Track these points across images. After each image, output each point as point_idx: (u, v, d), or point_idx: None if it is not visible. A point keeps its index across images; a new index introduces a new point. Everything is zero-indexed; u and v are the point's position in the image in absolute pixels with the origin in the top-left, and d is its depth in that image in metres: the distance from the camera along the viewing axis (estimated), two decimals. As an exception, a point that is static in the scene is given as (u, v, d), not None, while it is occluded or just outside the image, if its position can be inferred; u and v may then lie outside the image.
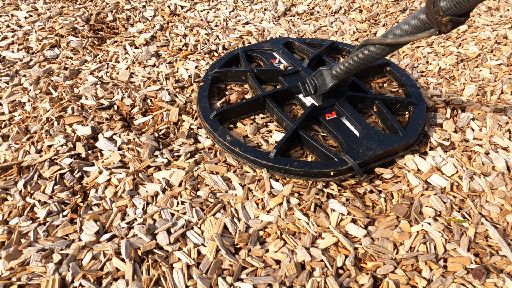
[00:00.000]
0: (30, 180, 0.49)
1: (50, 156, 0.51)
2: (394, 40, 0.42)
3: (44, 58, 0.71)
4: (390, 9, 0.88)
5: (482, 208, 0.46)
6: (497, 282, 0.38)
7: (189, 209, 0.45)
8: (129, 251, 0.41)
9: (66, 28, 0.78)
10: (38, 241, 0.43)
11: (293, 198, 0.46)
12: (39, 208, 0.46)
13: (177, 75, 0.68)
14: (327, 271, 0.39)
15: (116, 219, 0.44)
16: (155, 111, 0.59)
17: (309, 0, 0.93)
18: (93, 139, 0.55)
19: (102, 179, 0.49)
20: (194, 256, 0.41)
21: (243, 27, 0.82)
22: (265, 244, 0.42)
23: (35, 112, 0.60)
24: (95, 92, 0.63)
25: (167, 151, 0.52)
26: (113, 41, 0.77)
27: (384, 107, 0.57)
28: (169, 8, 0.88)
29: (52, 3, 0.88)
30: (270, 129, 0.56)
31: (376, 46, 0.45)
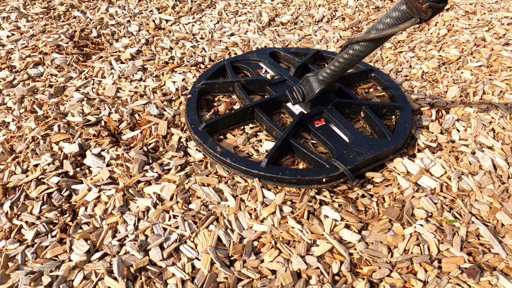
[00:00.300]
0: (16, 201, 0.47)
1: (36, 176, 0.50)
2: (377, 34, 0.43)
3: (28, 77, 0.70)
4: (371, 16, 0.90)
5: (472, 207, 0.46)
6: (491, 280, 0.38)
7: (182, 222, 0.45)
8: (122, 269, 0.40)
9: (50, 46, 0.77)
10: (27, 264, 0.41)
11: (285, 207, 0.46)
12: (26, 229, 0.45)
13: (164, 88, 0.67)
14: (324, 279, 0.39)
15: (107, 237, 0.44)
16: (143, 125, 0.59)
17: (293, 10, 0.94)
18: (80, 156, 0.54)
19: (91, 197, 0.48)
20: (189, 270, 0.40)
21: (228, 38, 0.83)
22: (260, 254, 0.42)
23: (20, 131, 0.59)
24: (81, 109, 0.62)
25: (157, 165, 0.52)
26: (98, 57, 0.76)
27: (371, 112, 0.57)
28: (154, 22, 0.88)
29: (35, 21, 0.88)
30: (260, 139, 0.57)
31: (360, 44, 0.45)
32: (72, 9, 0.93)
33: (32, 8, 0.93)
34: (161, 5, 0.96)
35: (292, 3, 0.99)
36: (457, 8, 0.93)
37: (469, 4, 0.94)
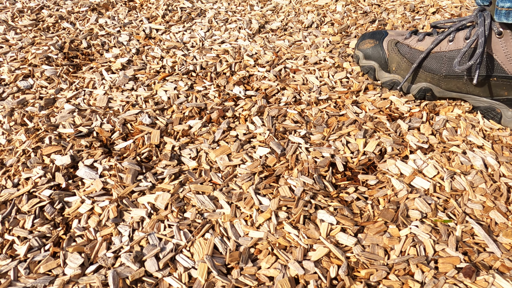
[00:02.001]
0: (7, 216, 0.47)
1: (28, 189, 0.50)
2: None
3: (18, 89, 0.70)
4: (360, 21, 0.92)
5: (466, 206, 0.47)
6: (487, 278, 0.39)
7: (177, 232, 0.44)
8: (117, 281, 0.39)
9: (39, 58, 0.77)
10: (19, 280, 0.41)
11: (281, 212, 0.46)
12: (18, 244, 0.44)
13: (156, 97, 0.67)
14: (321, 283, 0.39)
15: (102, 249, 0.43)
16: (135, 135, 0.59)
17: (282, 17, 0.95)
18: (73, 168, 0.53)
19: (84, 209, 0.47)
20: (185, 280, 0.40)
21: (219, 46, 0.83)
22: (257, 261, 0.42)
23: (10, 144, 0.58)
24: (72, 120, 0.62)
25: (150, 175, 0.52)
26: (89, 68, 0.76)
27: None
28: (144, 32, 0.89)
29: (23, 33, 0.87)
30: (254, 145, 0.57)
31: None
32: (61, 20, 0.93)
33: (20, 21, 0.92)
34: (151, 14, 0.96)
35: (281, 10, 1.00)
36: (443, 11, 0.95)
37: (455, 7, 0.96)
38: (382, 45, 0.68)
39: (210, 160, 0.54)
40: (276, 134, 0.57)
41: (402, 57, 0.64)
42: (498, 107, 0.59)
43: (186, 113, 0.63)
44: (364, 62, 0.70)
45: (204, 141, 0.57)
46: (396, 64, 0.65)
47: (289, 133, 0.58)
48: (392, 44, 0.67)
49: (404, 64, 0.64)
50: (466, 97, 0.62)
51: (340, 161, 0.53)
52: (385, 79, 0.68)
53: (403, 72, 0.65)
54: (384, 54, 0.67)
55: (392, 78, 0.66)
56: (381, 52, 0.68)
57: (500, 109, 0.59)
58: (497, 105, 0.59)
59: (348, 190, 0.49)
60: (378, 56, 0.68)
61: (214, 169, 0.53)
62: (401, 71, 0.65)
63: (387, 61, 0.66)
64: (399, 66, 0.65)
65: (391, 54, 0.66)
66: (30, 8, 0.97)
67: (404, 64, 0.64)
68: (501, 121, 0.59)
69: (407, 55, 0.64)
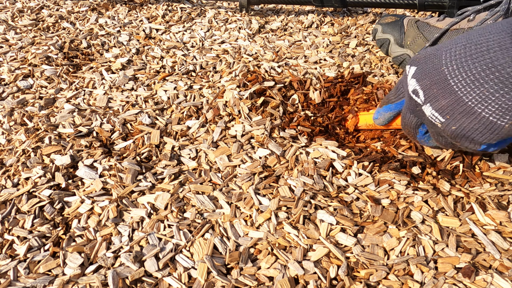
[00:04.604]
0: (7, 216, 0.47)
1: (28, 189, 0.50)
2: None
3: (18, 89, 0.70)
4: (360, 21, 0.92)
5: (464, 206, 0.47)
6: (486, 278, 0.39)
7: (177, 232, 0.44)
8: (117, 281, 0.39)
9: (39, 58, 0.77)
10: (19, 280, 0.41)
11: (281, 212, 0.46)
12: (18, 244, 0.44)
13: (156, 97, 0.67)
14: (321, 283, 0.39)
15: (101, 249, 0.43)
16: (135, 135, 0.59)
17: (282, 17, 0.95)
18: (72, 168, 0.53)
19: (84, 209, 0.47)
20: (185, 280, 0.40)
21: (219, 46, 0.83)
22: (256, 261, 0.42)
23: (10, 144, 0.58)
24: (72, 120, 0.62)
25: (150, 175, 0.52)
26: (89, 68, 0.76)
27: None
28: (144, 32, 0.89)
29: (23, 33, 0.87)
30: (253, 145, 0.57)
31: None
32: (61, 20, 0.93)
33: (20, 20, 0.92)
34: (151, 14, 0.96)
35: (281, 10, 1.00)
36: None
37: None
38: (403, 21, 0.70)
39: (210, 160, 0.54)
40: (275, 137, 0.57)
41: (419, 33, 0.65)
42: None
43: (184, 112, 0.63)
44: (380, 35, 0.72)
45: (203, 141, 0.57)
46: (411, 39, 0.66)
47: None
48: (412, 21, 0.69)
49: (420, 39, 0.65)
50: None
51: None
52: (396, 53, 0.69)
53: (416, 48, 0.66)
54: (403, 29, 0.69)
55: (404, 53, 0.67)
56: (400, 26, 0.69)
57: None
58: None
59: (348, 190, 0.49)
60: (396, 30, 0.70)
61: (214, 169, 0.53)
62: (415, 46, 0.66)
63: (404, 36, 0.68)
64: (414, 41, 0.66)
65: (409, 29, 0.68)
66: (30, 8, 0.97)
67: (419, 40, 0.65)
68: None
69: (424, 31, 0.65)
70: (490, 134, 0.35)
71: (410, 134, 0.46)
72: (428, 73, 0.36)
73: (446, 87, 0.35)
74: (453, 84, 0.34)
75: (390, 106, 0.47)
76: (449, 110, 0.35)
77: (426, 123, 0.40)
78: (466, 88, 0.33)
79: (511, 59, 0.30)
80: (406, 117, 0.43)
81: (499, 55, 0.31)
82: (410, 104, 0.41)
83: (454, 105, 0.35)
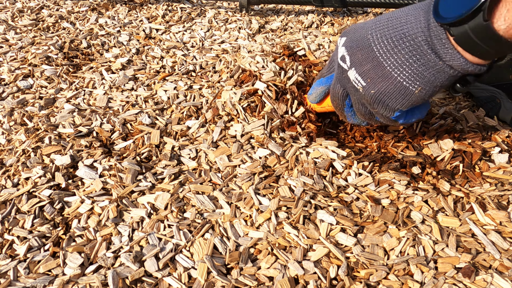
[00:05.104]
0: (7, 216, 0.47)
1: (28, 189, 0.50)
2: None
3: (18, 89, 0.70)
4: (360, 21, 0.91)
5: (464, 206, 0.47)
6: (486, 278, 0.39)
7: (177, 232, 0.44)
8: (117, 281, 0.39)
9: (39, 58, 0.77)
10: (19, 280, 0.41)
11: (281, 212, 0.46)
12: (18, 244, 0.44)
13: (156, 97, 0.67)
14: (321, 284, 0.39)
15: (101, 249, 0.43)
16: (135, 135, 0.59)
17: (282, 17, 0.95)
18: (72, 168, 0.53)
19: (84, 209, 0.47)
20: (185, 280, 0.40)
21: (219, 46, 0.83)
22: (256, 261, 0.42)
23: (10, 144, 0.58)
24: (72, 120, 0.62)
25: (150, 175, 0.52)
26: (89, 68, 0.76)
27: None
28: (144, 32, 0.89)
29: (23, 33, 0.87)
30: (253, 145, 0.57)
31: None
32: (61, 20, 0.93)
33: (20, 20, 0.92)
34: (151, 14, 0.96)
35: (281, 10, 1.00)
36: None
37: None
38: None
39: (210, 160, 0.54)
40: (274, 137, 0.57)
41: None
42: (499, 96, 0.59)
43: (184, 112, 0.63)
44: None
45: (203, 141, 0.57)
46: None
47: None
48: None
49: None
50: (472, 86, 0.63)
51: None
52: None
53: None
54: None
55: None
56: None
57: (500, 99, 0.59)
58: (498, 94, 0.60)
59: (348, 190, 0.49)
60: None
61: (214, 169, 0.53)
62: None
63: None
64: None
65: None
66: (30, 8, 0.97)
67: None
68: (499, 112, 0.59)
69: None
70: (403, 99, 0.38)
71: (338, 107, 0.48)
72: (355, 41, 0.39)
73: (370, 53, 0.38)
74: (375, 50, 0.38)
75: (322, 80, 0.49)
76: (370, 74, 0.38)
77: (350, 90, 0.43)
78: (387, 54, 0.37)
79: (421, 30, 0.35)
80: (335, 88, 0.45)
81: (414, 26, 0.35)
82: (338, 72, 0.43)
83: (375, 69, 0.38)
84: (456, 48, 0.34)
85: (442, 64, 0.35)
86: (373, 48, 0.38)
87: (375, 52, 0.38)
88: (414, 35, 0.35)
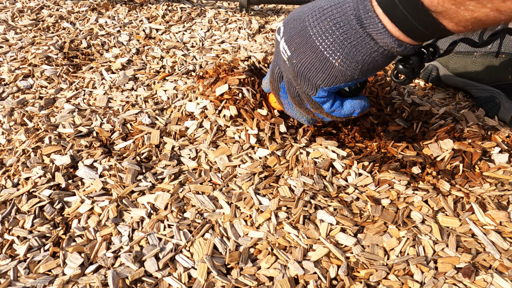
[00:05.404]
0: (7, 216, 0.47)
1: (28, 189, 0.50)
2: None
3: (18, 89, 0.70)
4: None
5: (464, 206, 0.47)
6: (486, 278, 0.39)
7: (177, 232, 0.44)
8: (117, 281, 0.39)
9: (39, 58, 0.77)
10: (19, 280, 0.41)
11: (281, 212, 0.46)
12: (18, 244, 0.44)
13: (156, 97, 0.67)
14: (321, 283, 0.39)
15: (101, 249, 0.43)
16: (135, 135, 0.59)
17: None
18: (72, 168, 0.53)
19: (84, 209, 0.47)
20: (185, 280, 0.40)
21: (219, 46, 0.83)
22: (256, 261, 0.42)
23: (10, 144, 0.58)
24: (72, 120, 0.62)
25: (150, 175, 0.52)
26: (89, 68, 0.76)
27: None
28: (144, 32, 0.89)
29: (23, 33, 0.87)
30: (253, 145, 0.57)
31: None
32: (61, 20, 0.93)
33: (20, 20, 0.92)
34: (151, 14, 0.96)
35: (281, 10, 1.00)
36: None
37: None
38: None
39: (210, 160, 0.54)
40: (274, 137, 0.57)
41: None
42: (498, 96, 0.59)
43: (183, 112, 0.63)
44: None
45: (202, 141, 0.57)
46: None
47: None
48: None
49: None
50: (469, 84, 0.62)
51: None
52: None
53: None
54: None
55: None
56: None
57: (500, 99, 0.59)
58: (497, 94, 0.60)
59: (348, 190, 0.49)
60: None
61: (214, 169, 0.53)
62: None
63: None
64: None
65: None
66: (30, 8, 0.97)
67: None
68: (498, 112, 0.59)
69: None
70: (323, 73, 0.36)
71: (275, 91, 0.46)
72: (291, 16, 0.40)
73: (299, 22, 0.38)
74: (305, 18, 0.37)
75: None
76: (296, 41, 0.37)
77: (280, 65, 0.41)
78: (314, 22, 0.36)
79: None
80: (272, 67, 0.44)
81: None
82: (275, 47, 0.42)
83: (300, 36, 0.37)
84: (378, 16, 0.32)
85: (362, 33, 0.33)
86: (303, 18, 0.37)
87: (304, 20, 0.37)
88: (342, 1, 0.34)
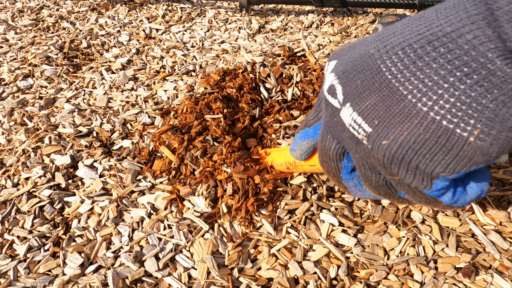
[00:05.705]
0: (7, 216, 0.47)
1: (28, 189, 0.50)
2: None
3: (18, 89, 0.70)
4: (360, 21, 0.92)
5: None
6: (486, 278, 0.39)
7: (177, 232, 0.44)
8: (117, 281, 0.39)
9: (39, 58, 0.77)
10: (19, 280, 0.41)
11: (281, 212, 0.46)
12: (18, 244, 0.44)
13: (156, 97, 0.67)
14: (321, 284, 0.39)
15: (101, 249, 0.43)
16: (135, 135, 0.59)
17: (282, 17, 0.95)
18: (72, 168, 0.53)
19: (84, 209, 0.47)
20: (185, 280, 0.40)
21: (219, 46, 0.83)
22: (256, 261, 0.42)
23: (10, 144, 0.58)
24: (72, 120, 0.62)
25: (150, 175, 0.51)
26: (89, 68, 0.76)
27: None
28: (144, 32, 0.89)
29: (23, 33, 0.87)
30: (253, 145, 0.57)
31: None
32: (61, 20, 0.93)
33: (20, 20, 0.92)
34: (151, 14, 0.96)
35: (281, 10, 1.00)
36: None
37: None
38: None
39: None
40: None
41: None
42: None
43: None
44: None
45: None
46: None
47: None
48: None
49: None
50: None
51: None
52: None
53: None
54: None
55: None
56: None
57: None
58: None
59: (348, 190, 0.49)
60: None
61: (214, 169, 0.53)
62: None
63: None
64: None
65: None
66: (30, 8, 0.97)
67: None
68: None
69: None
70: (445, 154, 0.20)
71: (332, 173, 0.29)
72: (350, 62, 0.24)
73: (376, 77, 0.22)
74: (385, 70, 0.21)
75: (308, 131, 0.33)
76: (379, 111, 0.22)
77: (347, 143, 0.25)
78: (405, 73, 0.20)
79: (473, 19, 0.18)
80: (323, 141, 0.28)
81: (456, 17, 0.19)
82: (326, 114, 0.26)
83: (386, 101, 0.21)
84: None
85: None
86: (380, 67, 0.22)
87: (384, 73, 0.22)
88: (457, 31, 0.18)
